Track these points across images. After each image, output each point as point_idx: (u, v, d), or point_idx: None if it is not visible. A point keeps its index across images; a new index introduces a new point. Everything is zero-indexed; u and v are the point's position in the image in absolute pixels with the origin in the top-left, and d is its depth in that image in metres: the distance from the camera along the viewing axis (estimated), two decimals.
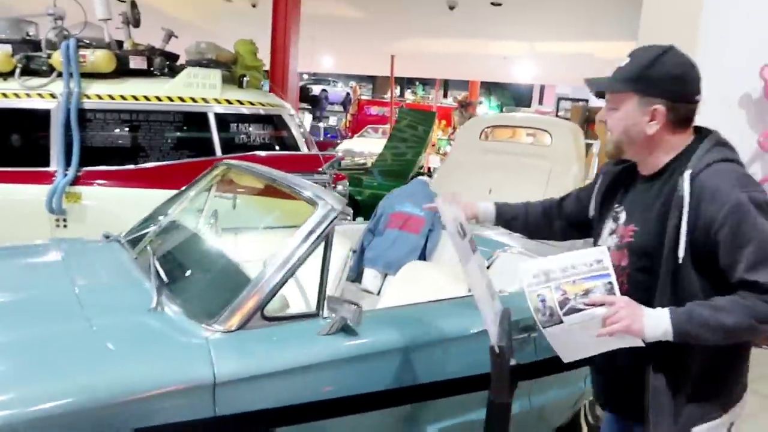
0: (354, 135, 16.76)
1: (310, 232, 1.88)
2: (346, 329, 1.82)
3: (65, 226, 4.20)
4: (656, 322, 1.43)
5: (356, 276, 3.50)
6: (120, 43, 4.68)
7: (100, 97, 4.32)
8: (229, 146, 4.45)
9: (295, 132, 4.62)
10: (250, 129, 4.55)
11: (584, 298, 1.45)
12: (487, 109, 23.18)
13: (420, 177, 3.79)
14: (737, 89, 4.06)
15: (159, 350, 1.69)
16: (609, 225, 1.67)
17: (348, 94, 23.36)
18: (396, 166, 8.80)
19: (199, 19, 10.85)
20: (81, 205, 4.19)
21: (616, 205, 1.67)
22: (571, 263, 1.50)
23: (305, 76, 25.75)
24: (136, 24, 4.78)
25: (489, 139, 8.22)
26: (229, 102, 4.51)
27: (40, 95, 4.29)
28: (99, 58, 4.34)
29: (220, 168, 2.79)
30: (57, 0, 4.57)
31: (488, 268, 2.94)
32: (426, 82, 27.96)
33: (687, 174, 1.46)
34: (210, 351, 1.66)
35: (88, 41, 4.48)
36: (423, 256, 3.43)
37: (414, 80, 27.29)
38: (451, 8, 7.94)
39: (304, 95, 23.85)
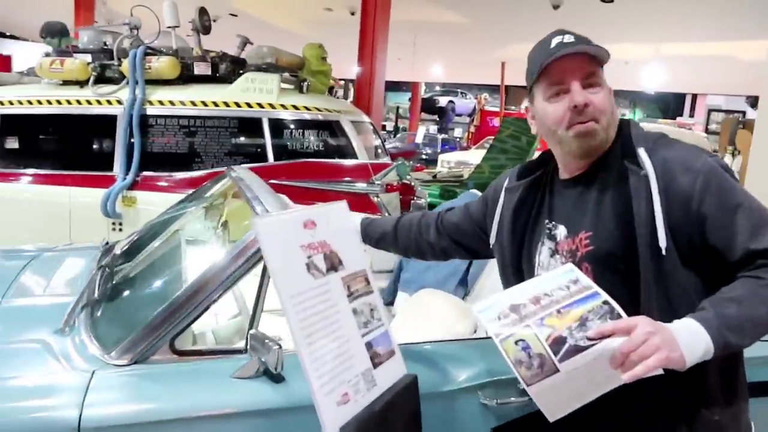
0: (474, 146, 16.29)
1: (241, 251, 1.55)
2: (268, 373, 1.47)
3: (120, 229, 4.25)
4: (691, 340, 1.07)
5: (392, 300, 3.14)
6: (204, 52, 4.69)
7: (161, 103, 4.35)
8: (281, 152, 4.29)
9: (353, 139, 4.35)
10: (306, 135, 4.35)
11: (584, 330, 1.06)
12: None
13: (472, 190, 3.33)
14: None
15: (30, 378, 1.43)
16: (545, 247, 1.37)
17: (475, 105, 23.15)
18: (493, 179, 8.22)
19: (303, 29, 11.07)
20: (136, 210, 4.23)
21: (546, 222, 1.37)
22: (542, 291, 1.15)
23: (437, 87, 25.86)
24: (206, 31, 4.77)
25: None
26: (284, 107, 4.34)
27: (108, 102, 4.40)
28: (163, 65, 4.36)
29: (223, 177, 2.56)
30: (140, 11, 4.68)
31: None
32: None
33: (641, 151, 1.25)
34: (87, 388, 1.37)
35: (159, 49, 4.53)
36: (465, 282, 2.98)
37: None
38: (555, 7, 7.31)
39: (431, 106, 24.14)
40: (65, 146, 4.45)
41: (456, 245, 1.62)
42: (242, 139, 4.37)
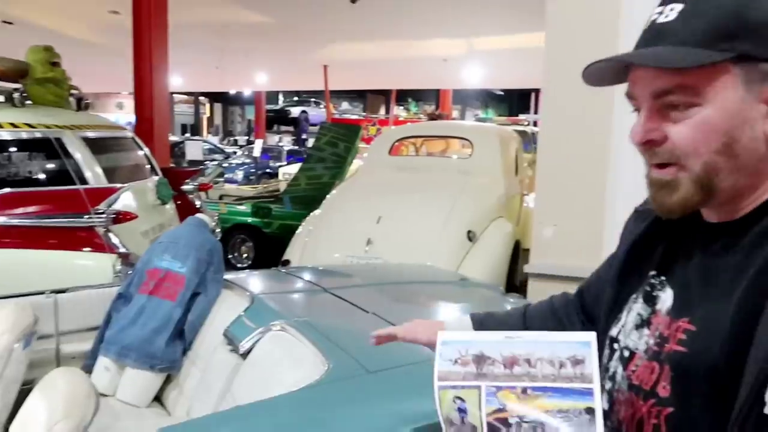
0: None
1: None
2: None
3: None
4: None
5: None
6: None
7: None
8: None
9: (82, 160, 3.43)
10: (14, 159, 3.38)
11: (537, 429, 0.82)
12: None
13: (198, 215, 2.60)
14: None
15: None
16: (635, 310, 0.92)
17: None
18: (311, 191, 7.61)
19: (92, 35, 9.83)
20: None
21: (653, 273, 0.91)
22: (528, 353, 0.87)
23: (295, 98, 25.32)
24: None
25: (406, 154, 7.19)
26: None
27: None
28: None
29: None
30: None
31: (248, 354, 1.92)
32: (420, 98, 27.32)
33: None
34: None
35: None
36: (181, 334, 2.26)
37: (407, 95, 26.61)
38: (353, 1, 6.85)
39: (284, 117, 23.57)
40: None
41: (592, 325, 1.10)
42: None
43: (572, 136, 3.26)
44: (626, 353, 0.91)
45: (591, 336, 0.85)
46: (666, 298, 0.88)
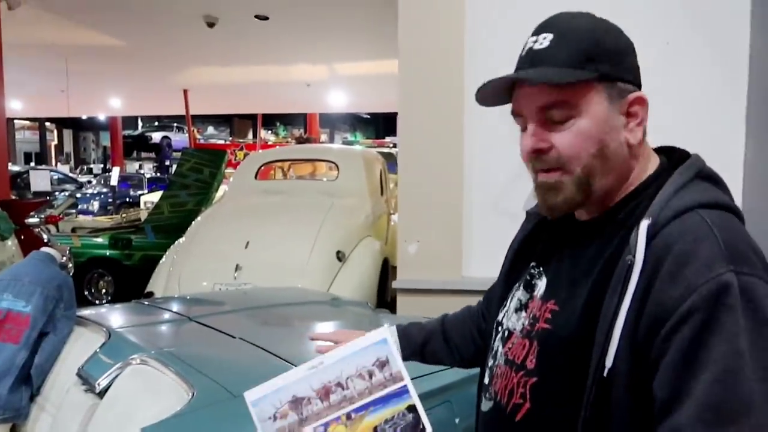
0: None
1: None
2: None
3: None
4: None
5: None
6: None
7: None
8: None
9: None
10: None
11: None
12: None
13: (44, 248, 2.41)
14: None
15: None
16: (518, 295, 1.05)
17: None
18: (174, 219, 7.29)
19: None
20: None
21: (533, 264, 1.05)
22: (337, 376, 0.89)
23: (156, 123, 24.04)
24: None
25: (273, 178, 7.16)
26: None
27: None
28: None
29: None
30: None
31: (105, 392, 1.81)
32: (289, 122, 27.01)
33: (644, 225, 0.85)
34: None
35: None
36: (27, 379, 2.09)
37: (275, 120, 26.20)
38: (210, 25, 6.73)
39: (144, 143, 22.28)
40: None
41: None
42: None
43: (428, 156, 3.44)
44: (506, 333, 1.03)
45: (385, 332, 0.91)
46: (541, 285, 1.02)
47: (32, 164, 24.02)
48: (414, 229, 3.56)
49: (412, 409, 0.88)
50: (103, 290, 6.43)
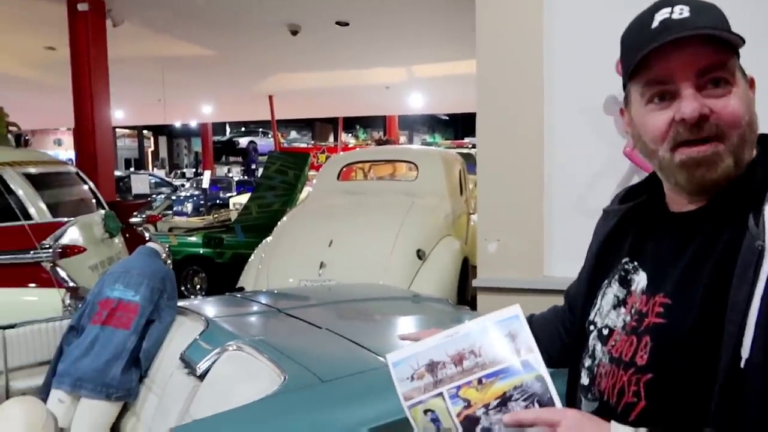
0: None
1: None
2: None
3: None
4: None
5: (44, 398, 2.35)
6: None
7: None
8: None
9: (24, 195, 3.40)
10: None
11: (503, 412, 0.88)
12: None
13: (149, 244, 2.63)
14: (596, 95, 3.30)
15: None
16: (612, 293, 1.02)
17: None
18: (262, 219, 7.62)
19: (29, 71, 9.61)
20: None
21: (626, 260, 1.02)
22: (471, 345, 0.94)
23: (243, 129, 25.14)
24: None
25: (354, 179, 7.32)
26: None
27: None
28: None
29: None
30: None
31: (205, 375, 1.95)
32: (368, 124, 27.49)
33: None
34: None
35: None
36: (136, 362, 2.28)
37: (355, 123, 26.79)
38: (294, 33, 6.99)
39: (231, 148, 23.38)
40: None
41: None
42: None
43: (507, 155, 3.45)
44: (605, 331, 1.00)
45: (516, 309, 0.94)
46: (640, 279, 0.98)
47: (132, 169, 25.65)
48: (494, 227, 3.57)
49: (539, 379, 0.91)
50: (198, 286, 6.79)
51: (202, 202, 14.42)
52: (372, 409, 1.59)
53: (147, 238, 4.79)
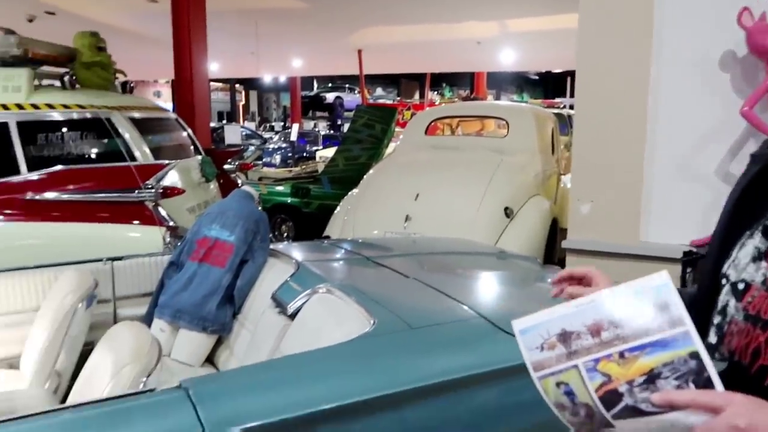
0: None
1: None
2: None
3: None
4: None
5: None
6: None
7: None
8: (38, 161, 3.47)
9: (130, 138, 3.59)
10: (67, 138, 3.54)
11: (650, 390, 0.78)
12: None
13: (244, 187, 2.71)
14: (712, 49, 3.09)
15: None
16: (751, 245, 0.93)
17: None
18: (348, 172, 7.70)
19: (128, 23, 10.03)
20: None
21: None
22: (610, 315, 0.82)
23: (329, 85, 25.56)
24: None
25: (442, 134, 7.21)
26: (36, 107, 3.49)
27: None
28: None
29: None
30: None
31: (295, 315, 2.02)
32: (455, 83, 27.12)
33: None
34: None
35: None
36: (231, 300, 2.39)
37: (440, 81, 26.50)
38: None
39: (319, 103, 23.90)
40: None
41: None
42: None
43: (607, 111, 3.27)
44: (741, 286, 0.92)
45: (665, 275, 0.83)
46: None
47: (224, 121, 26.62)
48: (588, 188, 3.42)
49: (694, 356, 0.79)
50: (285, 234, 7.02)
51: (290, 154, 14.80)
52: (461, 359, 1.58)
53: (240, 185, 4.96)
